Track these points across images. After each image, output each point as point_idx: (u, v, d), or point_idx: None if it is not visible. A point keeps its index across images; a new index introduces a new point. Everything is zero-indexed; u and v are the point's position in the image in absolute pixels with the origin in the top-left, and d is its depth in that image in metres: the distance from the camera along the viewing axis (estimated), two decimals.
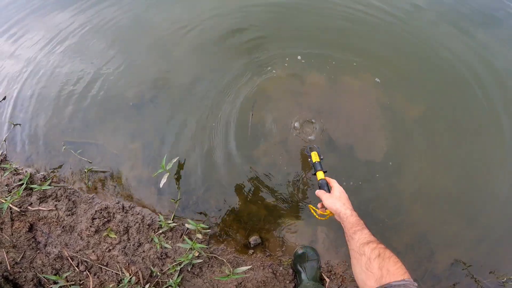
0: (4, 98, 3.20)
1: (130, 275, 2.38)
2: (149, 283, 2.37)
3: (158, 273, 2.41)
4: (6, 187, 2.70)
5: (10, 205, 2.56)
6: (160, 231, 2.56)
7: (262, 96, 3.10)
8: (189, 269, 2.42)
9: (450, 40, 3.58)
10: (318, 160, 2.28)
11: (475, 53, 3.48)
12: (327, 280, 2.44)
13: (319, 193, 1.98)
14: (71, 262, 2.44)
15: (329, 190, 2.00)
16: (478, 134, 3.03)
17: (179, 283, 2.35)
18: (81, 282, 2.39)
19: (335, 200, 1.86)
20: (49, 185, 2.70)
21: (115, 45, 3.50)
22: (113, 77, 3.26)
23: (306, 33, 3.57)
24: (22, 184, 2.69)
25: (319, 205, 2.01)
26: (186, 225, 2.50)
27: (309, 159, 2.35)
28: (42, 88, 3.23)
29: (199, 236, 2.52)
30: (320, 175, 2.14)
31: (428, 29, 3.68)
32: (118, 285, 2.36)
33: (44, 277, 2.37)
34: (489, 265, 2.56)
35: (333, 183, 2.01)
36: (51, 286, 2.35)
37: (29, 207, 2.62)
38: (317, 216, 2.05)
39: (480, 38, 3.62)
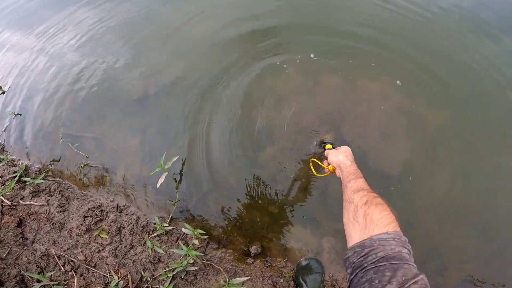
0: (3, 92, 3.12)
1: (118, 278, 2.18)
2: None
3: (149, 279, 2.21)
4: (0, 178, 2.57)
5: (1, 197, 2.42)
6: (155, 234, 2.38)
7: (272, 95, 2.92)
8: (182, 276, 2.22)
9: (477, 44, 3.33)
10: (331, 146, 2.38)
11: (504, 60, 3.23)
12: None
13: (327, 152, 2.07)
14: (57, 261, 2.27)
15: None
16: (501, 147, 2.78)
17: None
18: (66, 282, 2.21)
19: (339, 152, 1.92)
20: (43, 179, 2.56)
21: (123, 39, 3.39)
22: (119, 71, 3.14)
23: (322, 29, 3.38)
24: (16, 176, 2.56)
25: (324, 163, 2.08)
26: (183, 229, 2.30)
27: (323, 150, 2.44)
28: (47, 80, 3.14)
29: (196, 242, 2.33)
30: (328, 146, 2.33)
31: (456, 32, 3.42)
32: None
33: (27, 275, 2.20)
34: (502, 281, 2.35)
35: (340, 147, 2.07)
36: (33, 284, 2.18)
37: (20, 201, 2.48)
38: (315, 173, 2.16)
39: (508, 43, 3.38)
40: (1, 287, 2.16)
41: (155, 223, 2.40)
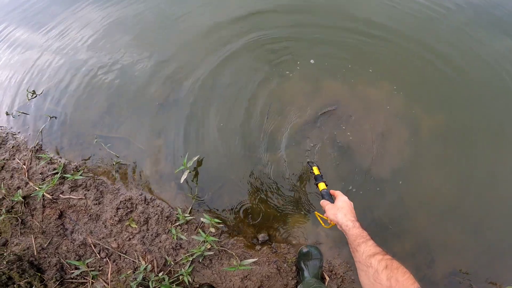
0: (36, 96, 3.39)
1: (145, 263, 2.52)
2: (162, 271, 2.50)
3: (172, 263, 2.54)
4: (41, 175, 2.90)
5: (44, 192, 2.74)
6: (177, 223, 2.69)
7: (278, 99, 3.18)
8: (200, 260, 2.54)
9: (475, 45, 3.51)
10: (319, 173, 2.31)
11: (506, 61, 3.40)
12: (327, 278, 2.51)
13: (323, 203, 1.95)
14: (94, 249, 2.61)
15: (332, 200, 1.96)
16: (493, 149, 2.96)
17: (189, 273, 2.48)
18: (101, 269, 2.56)
19: (336, 211, 1.80)
20: (81, 175, 2.87)
21: (146, 42, 3.65)
22: (142, 75, 3.40)
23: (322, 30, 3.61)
24: (57, 173, 2.87)
25: (325, 214, 1.94)
26: (202, 219, 2.62)
27: (311, 172, 2.39)
28: (77, 84, 3.41)
29: (212, 230, 2.63)
30: (322, 185, 2.17)
31: (454, 34, 3.61)
32: (134, 272, 2.51)
33: (67, 262, 2.54)
34: (487, 275, 2.55)
35: (337, 194, 1.96)
36: (72, 271, 2.52)
37: (60, 195, 2.80)
38: (323, 224, 2.00)
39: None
40: (42, 275, 2.51)
41: (177, 214, 2.70)
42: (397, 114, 3.10)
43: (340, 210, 1.79)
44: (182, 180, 2.69)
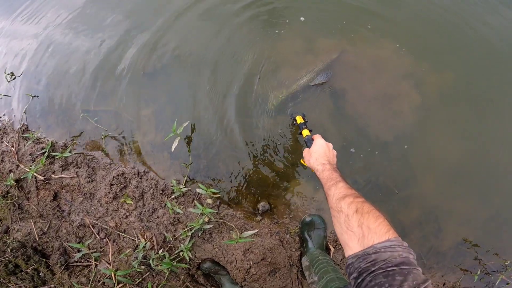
0: (14, 77, 3.14)
1: (145, 241, 2.40)
2: (162, 249, 2.40)
3: (171, 239, 2.42)
4: (30, 156, 2.74)
5: (35, 173, 2.59)
6: (173, 196, 2.54)
7: (270, 60, 2.84)
8: (199, 235, 2.41)
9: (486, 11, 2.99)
10: (303, 121, 2.23)
11: None
12: (332, 249, 2.35)
13: (305, 150, 1.90)
14: (92, 230, 2.50)
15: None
16: (504, 111, 2.65)
17: (190, 249, 2.35)
18: (102, 249, 2.46)
19: (308, 155, 1.78)
20: (70, 152, 2.69)
21: (127, 16, 3.23)
22: (124, 46, 3.07)
23: None
24: (45, 152, 2.71)
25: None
26: (197, 189, 2.45)
27: (294, 122, 2.31)
28: (56, 62, 3.11)
29: (209, 201, 2.48)
30: (305, 132, 2.11)
31: None
32: (135, 250, 2.41)
33: (69, 245, 2.46)
34: (495, 246, 2.38)
35: (315, 137, 1.89)
36: (75, 254, 2.44)
37: (52, 175, 2.66)
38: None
39: None
40: (47, 260, 2.45)
41: (172, 186, 2.54)
42: (402, 73, 2.74)
43: (313, 154, 1.75)
44: (173, 148, 2.43)
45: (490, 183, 2.51)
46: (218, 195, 2.50)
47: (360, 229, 1.09)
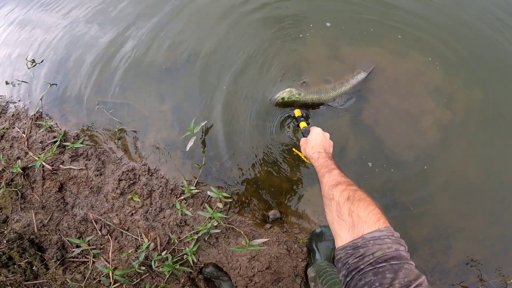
0: (35, 64, 3.12)
1: (148, 241, 2.28)
2: (165, 250, 2.27)
3: (176, 241, 2.30)
4: (40, 144, 2.67)
5: (43, 163, 2.50)
6: (182, 197, 2.43)
7: (293, 66, 2.77)
8: (205, 239, 2.29)
9: None
10: (300, 114, 2.31)
11: None
12: None
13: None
14: (95, 225, 2.39)
15: None
16: None
17: (194, 252, 2.23)
18: (102, 246, 2.35)
19: (305, 143, 1.77)
20: (81, 143, 2.61)
21: (147, 10, 3.23)
22: (147, 41, 3.03)
23: None
24: (56, 141, 2.63)
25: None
26: (209, 192, 2.33)
27: (292, 116, 2.38)
28: (77, 52, 3.10)
29: (220, 205, 2.38)
30: (302, 124, 2.17)
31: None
32: (136, 250, 2.29)
33: (68, 240, 2.34)
34: (498, 265, 2.27)
35: (313, 128, 1.89)
36: (73, 249, 2.32)
37: (61, 166, 2.57)
38: (304, 159, 2.03)
39: None
40: (42, 254, 2.33)
41: (182, 186, 2.43)
42: (431, 88, 2.66)
43: (309, 143, 1.75)
44: (188, 148, 2.38)
45: (504, 204, 2.39)
46: (229, 199, 2.40)
47: (351, 217, 1.06)
